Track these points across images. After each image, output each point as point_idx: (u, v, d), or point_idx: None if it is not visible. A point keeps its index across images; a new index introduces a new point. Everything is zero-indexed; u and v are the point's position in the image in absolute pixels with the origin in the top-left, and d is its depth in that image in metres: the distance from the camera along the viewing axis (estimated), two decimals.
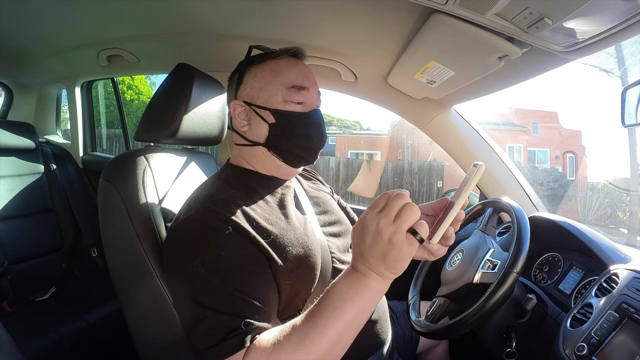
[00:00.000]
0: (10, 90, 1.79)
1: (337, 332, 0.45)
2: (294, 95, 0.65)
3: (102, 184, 0.74)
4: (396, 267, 0.43)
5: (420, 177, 6.47)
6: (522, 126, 6.62)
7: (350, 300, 0.45)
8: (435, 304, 0.75)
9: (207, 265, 0.51)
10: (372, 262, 0.44)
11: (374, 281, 0.45)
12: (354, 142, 9.34)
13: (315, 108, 0.68)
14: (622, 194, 3.29)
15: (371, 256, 0.43)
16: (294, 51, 0.69)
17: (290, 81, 0.65)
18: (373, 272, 0.44)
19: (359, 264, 0.45)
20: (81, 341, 1.12)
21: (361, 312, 0.46)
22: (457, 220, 0.55)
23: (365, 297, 0.45)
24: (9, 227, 1.29)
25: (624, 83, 0.98)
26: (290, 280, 0.57)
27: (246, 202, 0.60)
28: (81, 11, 1.04)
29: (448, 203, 0.59)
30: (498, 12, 0.57)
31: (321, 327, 0.44)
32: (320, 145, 0.68)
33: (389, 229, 0.42)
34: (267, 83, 0.66)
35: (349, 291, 0.45)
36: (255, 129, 0.67)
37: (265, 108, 0.65)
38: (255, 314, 0.49)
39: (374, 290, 0.45)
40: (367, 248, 0.43)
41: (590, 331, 0.57)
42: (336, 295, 0.46)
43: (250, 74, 0.68)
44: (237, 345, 0.47)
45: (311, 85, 0.67)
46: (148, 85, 7.50)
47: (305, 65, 0.70)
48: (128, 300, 0.74)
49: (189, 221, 0.56)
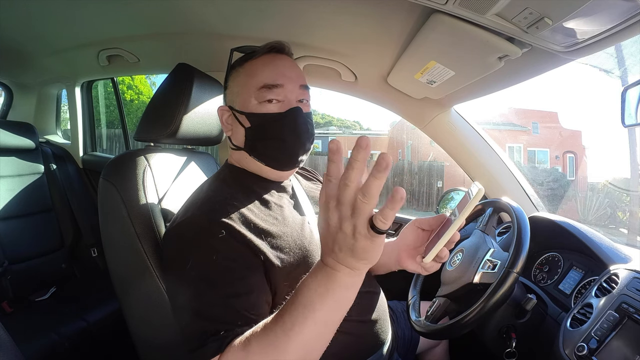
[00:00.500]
0: (10, 90, 1.79)
1: (308, 331, 0.42)
2: (266, 95, 0.62)
3: (102, 184, 0.74)
4: (366, 257, 0.39)
5: (420, 177, 6.47)
6: (522, 126, 6.62)
7: (319, 298, 0.42)
8: (435, 304, 0.75)
9: (198, 269, 0.52)
10: (340, 256, 0.40)
11: (344, 275, 0.41)
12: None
13: (293, 107, 0.63)
14: (622, 194, 3.29)
15: (339, 249, 0.40)
16: (271, 46, 0.66)
17: (262, 81, 0.63)
18: (342, 265, 0.41)
19: (327, 258, 0.42)
20: (81, 341, 1.12)
21: (333, 309, 0.43)
22: (451, 241, 0.54)
23: (336, 293, 0.42)
24: (9, 227, 1.29)
25: (624, 83, 0.98)
26: (288, 281, 0.57)
27: (244, 203, 0.60)
28: (81, 11, 1.04)
29: (445, 220, 0.59)
30: (498, 12, 0.57)
31: (288, 327, 0.42)
32: (297, 146, 0.64)
33: (349, 225, 0.37)
34: (242, 86, 0.65)
35: (318, 287, 0.42)
36: (235, 134, 0.67)
37: (241, 112, 0.64)
38: (239, 321, 0.49)
39: (345, 284, 0.42)
40: (332, 242, 0.40)
41: (590, 331, 0.57)
42: (305, 292, 0.43)
43: (231, 78, 0.68)
44: (215, 351, 0.46)
45: (287, 81, 0.63)
46: (148, 85, 7.50)
47: (286, 60, 0.66)
48: (128, 300, 0.74)
49: (185, 224, 0.57)
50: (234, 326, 0.48)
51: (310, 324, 0.42)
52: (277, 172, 0.68)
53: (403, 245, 0.66)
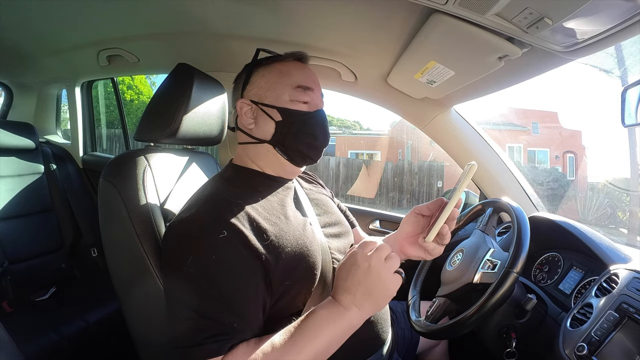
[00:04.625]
0: (10, 90, 1.79)
1: (312, 356, 0.49)
2: (301, 95, 0.67)
3: (102, 184, 0.74)
4: (379, 301, 0.50)
5: (420, 177, 6.46)
6: (522, 126, 6.61)
7: (328, 330, 0.49)
8: (435, 304, 0.75)
9: (197, 267, 0.52)
10: (358, 297, 0.50)
11: (353, 315, 0.50)
12: (354, 142, 9.33)
13: (320, 109, 0.70)
14: (622, 194, 3.29)
15: (358, 291, 0.50)
16: (299, 55, 0.72)
17: (297, 81, 0.67)
18: (355, 306, 0.50)
19: (343, 298, 0.51)
20: (81, 341, 1.12)
21: (334, 342, 0.51)
22: (451, 218, 0.59)
23: (340, 330, 0.50)
24: (9, 227, 1.29)
25: (624, 83, 0.98)
26: (289, 280, 0.57)
27: (247, 202, 0.60)
28: (81, 11, 1.04)
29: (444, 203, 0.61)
30: (498, 12, 0.57)
31: (297, 351, 0.48)
32: (325, 144, 0.70)
33: (381, 267, 0.49)
34: (274, 83, 0.68)
35: (328, 321, 0.50)
36: (262, 127, 0.68)
37: (272, 106, 0.67)
38: (236, 322, 0.50)
39: (351, 324, 0.51)
40: (355, 283, 0.50)
41: (590, 331, 0.57)
42: (316, 322, 0.50)
43: (257, 74, 0.70)
44: (214, 351, 0.48)
45: (316, 86, 0.70)
46: (148, 85, 7.49)
47: (310, 69, 0.73)
48: (128, 300, 0.74)
49: (187, 221, 0.57)
50: (232, 328, 0.49)
51: (312, 351, 0.49)
52: (293, 168, 0.70)
53: (403, 234, 0.69)
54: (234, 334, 0.49)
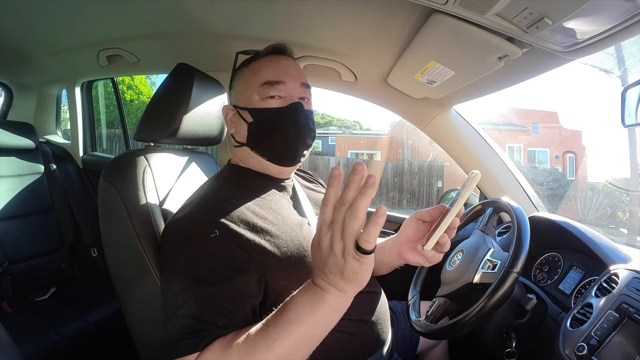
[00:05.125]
0: (10, 90, 1.79)
1: (287, 346, 0.43)
2: (268, 91, 0.64)
3: (102, 183, 0.74)
4: (355, 279, 0.41)
5: (420, 177, 6.47)
6: (522, 126, 6.62)
7: (304, 316, 0.44)
8: (435, 304, 0.75)
9: (187, 266, 0.52)
10: (331, 277, 0.42)
11: (332, 296, 0.43)
12: (354, 142, 9.33)
13: (294, 102, 0.65)
14: (622, 194, 3.29)
15: (329, 271, 0.42)
16: (273, 47, 0.69)
17: (264, 78, 0.65)
18: (332, 286, 0.43)
19: (317, 279, 0.44)
20: (81, 341, 1.12)
21: (317, 327, 0.45)
22: (451, 227, 0.55)
23: (322, 313, 0.44)
24: (9, 227, 1.29)
25: (624, 83, 0.98)
26: (286, 281, 0.57)
27: (243, 202, 0.60)
28: (81, 11, 1.04)
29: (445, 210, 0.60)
30: (498, 12, 0.57)
31: (271, 340, 0.43)
32: (298, 140, 0.66)
33: (339, 245, 0.40)
34: (246, 84, 0.67)
35: (305, 305, 0.44)
36: (239, 130, 0.69)
37: (244, 108, 0.67)
38: (220, 320, 0.49)
39: (332, 305, 0.44)
40: (324, 263, 0.42)
41: (590, 331, 0.57)
42: (292, 308, 0.44)
43: (236, 79, 0.70)
44: (192, 347, 0.46)
45: (289, 78, 0.66)
46: (148, 85, 7.50)
47: (288, 60, 0.69)
48: (128, 300, 0.74)
49: (181, 221, 0.58)
50: (215, 326, 0.48)
51: (292, 339, 0.44)
52: (279, 168, 0.69)
53: (403, 238, 0.68)
54: (216, 330, 0.48)
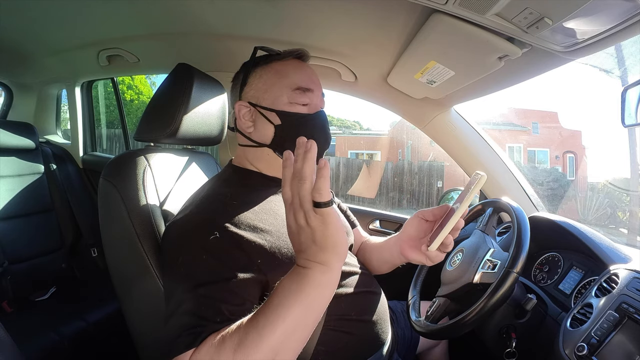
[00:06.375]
0: (10, 90, 1.79)
1: (278, 332, 0.42)
2: (299, 97, 0.65)
3: (102, 183, 0.74)
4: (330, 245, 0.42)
5: (420, 177, 6.46)
6: (522, 126, 6.61)
7: (293, 298, 0.43)
8: (435, 304, 0.75)
9: (187, 267, 0.52)
10: (309, 252, 0.43)
11: (317, 271, 0.43)
12: (354, 142, 9.33)
13: (320, 110, 0.68)
14: (622, 194, 3.29)
15: (306, 247, 0.43)
16: (299, 53, 0.70)
17: (296, 83, 0.65)
18: (314, 261, 0.43)
19: (300, 259, 0.45)
20: (81, 341, 1.12)
21: (307, 308, 0.44)
22: (456, 228, 0.57)
23: (309, 291, 0.43)
24: (9, 227, 1.29)
25: (624, 83, 0.98)
26: None
27: (245, 203, 0.60)
28: (81, 11, 1.04)
29: (448, 210, 0.60)
30: (498, 12, 0.57)
31: (261, 327, 0.43)
32: (325, 146, 0.68)
33: (301, 215, 0.42)
34: (272, 85, 0.66)
35: (290, 287, 0.44)
36: (261, 130, 0.67)
37: (270, 109, 0.65)
38: (218, 318, 0.48)
39: (319, 282, 0.43)
40: (299, 242, 0.44)
41: (590, 331, 0.57)
42: (279, 292, 0.44)
43: (255, 75, 0.68)
44: (188, 344, 0.46)
45: (316, 87, 0.68)
46: (148, 85, 7.49)
47: (310, 68, 0.71)
48: (128, 300, 0.74)
49: (181, 222, 0.58)
50: (212, 322, 0.48)
51: (282, 324, 0.42)
52: None
53: (405, 236, 0.68)
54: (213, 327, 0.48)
